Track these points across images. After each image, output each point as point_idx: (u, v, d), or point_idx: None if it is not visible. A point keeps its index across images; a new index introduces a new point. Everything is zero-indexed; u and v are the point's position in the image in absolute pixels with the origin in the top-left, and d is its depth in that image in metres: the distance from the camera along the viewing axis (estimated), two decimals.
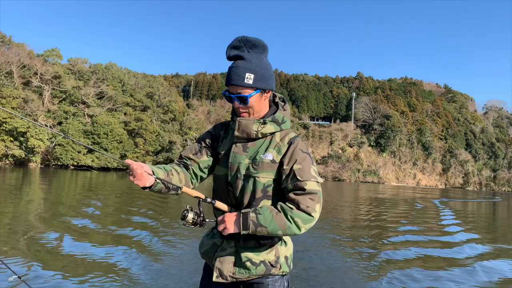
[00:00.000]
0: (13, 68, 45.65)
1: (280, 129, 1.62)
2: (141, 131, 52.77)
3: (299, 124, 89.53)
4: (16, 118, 41.30)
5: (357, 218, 13.12)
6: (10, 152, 42.42)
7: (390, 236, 9.21)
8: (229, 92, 1.57)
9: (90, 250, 5.92)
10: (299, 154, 1.56)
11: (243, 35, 1.57)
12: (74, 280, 4.45)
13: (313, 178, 1.52)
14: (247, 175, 1.56)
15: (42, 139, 43.83)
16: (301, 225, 1.46)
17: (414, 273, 5.72)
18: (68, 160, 44.61)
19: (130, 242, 6.63)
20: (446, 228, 11.49)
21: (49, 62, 51.54)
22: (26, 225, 7.60)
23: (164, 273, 4.96)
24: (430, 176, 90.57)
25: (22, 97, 44.20)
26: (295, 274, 5.25)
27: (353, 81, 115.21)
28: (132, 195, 16.12)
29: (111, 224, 8.32)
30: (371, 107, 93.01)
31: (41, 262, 5.07)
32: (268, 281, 1.60)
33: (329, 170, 78.93)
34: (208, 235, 1.74)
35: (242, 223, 1.45)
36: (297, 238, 8.07)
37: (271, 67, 1.61)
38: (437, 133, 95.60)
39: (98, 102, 52.44)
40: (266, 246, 1.59)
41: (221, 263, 1.59)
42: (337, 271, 5.60)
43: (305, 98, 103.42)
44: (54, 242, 6.34)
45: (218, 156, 1.69)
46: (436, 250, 7.74)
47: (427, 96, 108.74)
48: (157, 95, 60.44)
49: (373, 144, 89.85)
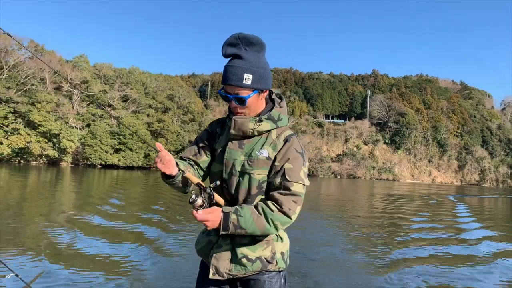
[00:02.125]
0: (46, 74, 47.16)
1: (276, 126, 1.57)
2: (163, 131, 53.65)
3: (313, 122, 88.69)
4: (50, 121, 42.79)
5: (371, 214, 12.86)
6: (45, 152, 43.87)
7: (403, 233, 8.97)
8: (226, 91, 1.51)
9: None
10: (293, 153, 1.51)
11: (240, 32, 1.50)
12: (113, 245, 4.84)
13: (300, 181, 1.49)
14: (242, 172, 1.52)
15: (73, 140, 45.19)
16: (279, 227, 1.46)
17: (427, 270, 5.53)
18: (96, 159, 45.78)
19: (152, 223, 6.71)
20: (461, 224, 11.11)
21: (77, 68, 52.95)
22: (64, 208, 7.97)
23: (170, 270, 4.97)
24: (445, 173, 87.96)
25: (54, 101, 45.59)
26: (302, 269, 5.17)
27: (368, 78, 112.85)
28: (155, 189, 16.39)
29: (137, 210, 8.56)
30: (386, 105, 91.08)
31: (81, 230, 6.77)
32: (264, 278, 1.56)
33: (344, 168, 77.85)
34: (203, 232, 1.69)
35: (223, 224, 1.41)
36: (308, 233, 7.97)
37: (268, 65, 1.54)
38: (453, 130, 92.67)
39: (123, 105, 53.61)
40: (262, 242, 1.55)
41: (217, 260, 1.54)
42: (345, 266, 5.48)
43: (320, 97, 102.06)
44: (92, 219, 7.25)
45: (214, 153, 1.65)
46: (451, 247, 7.47)
47: (443, 93, 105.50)
48: (177, 97, 61.24)
49: (388, 142, 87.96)
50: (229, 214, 1.41)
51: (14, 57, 44.96)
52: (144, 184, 22.03)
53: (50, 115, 44.01)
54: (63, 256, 5.21)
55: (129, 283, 4.22)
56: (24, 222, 7.55)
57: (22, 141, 41.67)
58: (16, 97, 42.08)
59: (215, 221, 1.40)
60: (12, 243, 5.69)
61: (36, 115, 41.90)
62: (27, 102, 42.73)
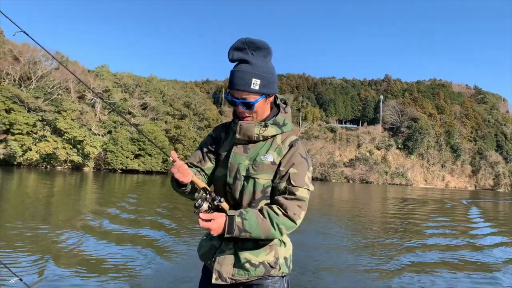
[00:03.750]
0: (70, 84, 48.59)
1: (281, 131, 1.54)
2: (180, 137, 54.39)
3: (326, 127, 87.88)
4: (75, 128, 44.04)
5: (382, 219, 12.62)
6: (70, 158, 45.10)
7: (415, 237, 8.75)
8: (233, 96, 1.48)
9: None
10: (298, 158, 1.49)
11: (247, 37, 1.47)
12: (118, 248, 4.65)
13: (305, 186, 1.47)
14: (247, 176, 1.49)
15: (96, 146, 46.34)
16: (284, 231, 1.44)
17: (437, 276, 5.38)
18: (118, 164, 46.71)
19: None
20: (475, 230, 10.76)
21: (99, 77, 54.37)
22: (87, 209, 8.19)
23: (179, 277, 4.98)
24: (459, 178, 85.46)
25: (78, 109, 46.90)
26: (306, 273, 5.11)
27: (381, 83, 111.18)
28: (171, 193, 16.58)
29: (145, 214, 8.76)
30: (398, 110, 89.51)
31: (108, 218, 7.23)
32: (267, 283, 1.51)
33: (356, 173, 76.71)
34: (206, 237, 1.65)
35: (228, 227, 1.38)
36: (316, 236, 7.88)
37: (274, 70, 1.52)
38: (466, 135, 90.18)
39: (143, 112, 54.67)
40: (265, 247, 1.51)
41: (220, 265, 1.50)
42: (352, 271, 5.38)
43: (332, 102, 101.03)
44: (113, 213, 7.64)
45: (219, 157, 1.61)
46: (463, 252, 7.25)
47: (456, 98, 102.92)
48: (193, 104, 62.02)
49: (400, 147, 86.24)
50: (234, 217, 1.39)
51: (41, 68, 46.57)
52: (160, 187, 22.32)
53: (75, 123, 45.27)
54: (69, 259, 5.17)
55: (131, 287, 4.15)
56: (35, 225, 7.62)
57: (49, 147, 42.99)
58: (44, 106, 43.54)
59: (220, 226, 1.38)
60: (17, 246, 5.70)
61: (62, 122, 43.20)
62: (54, 110, 44.13)
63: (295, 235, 7.50)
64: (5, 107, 40.91)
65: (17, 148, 41.16)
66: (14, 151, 41.01)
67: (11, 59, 44.69)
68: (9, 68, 43.98)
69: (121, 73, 58.94)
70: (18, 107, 41.60)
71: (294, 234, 7.44)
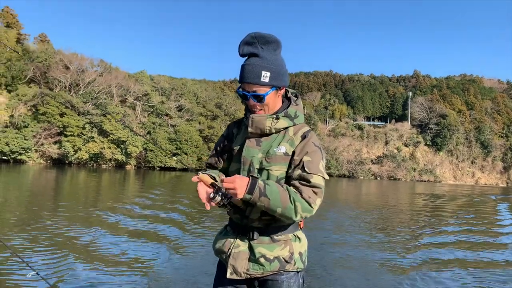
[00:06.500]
0: (113, 89, 51.10)
1: (293, 123, 1.50)
2: (213, 137, 55.52)
3: (353, 125, 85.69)
4: (119, 129, 46.37)
5: (409, 215, 12.23)
6: (115, 156, 47.56)
7: (439, 233, 8.44)
8: (244, 89, 1.45)
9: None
10: (311, 146, 1.44)
11: (256, 31, 1.44)
12: (135, 243, 4.93)
13: (320, 173, 1.41)
14: (260, 169, 1.44)
15: (138, 146, 48.50)
16: (299, 211, 1.35)
17: (457, 275, 5.19)
18: (157, 162, 48.72)
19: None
20: (503, 228, 10.16)
21: (139, 82, 56.70)
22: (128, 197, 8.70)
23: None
24: (490, 174, 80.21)
25: (121, 112, 49.27)
26: (321, 268, 5.08)
27: (409, 79, 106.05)
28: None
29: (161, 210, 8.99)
30: (426, 107, 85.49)
31: (108, 229, 6.33)
32: (282, 278, 1.46)
33: (384, 170, 74.22)
34: (221, 232, 1.61)
35: (249, 187, 1.31)
36: (337, 230, 7.78)
37: (284, 63, 1.48)
38: (497, 131, 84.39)
39: (179, 114, 56.42)
40: (279, 242, 1.46)
41: (235, 259, 1.46)
42: (370, 266, 5.30)
43: (360, 99, 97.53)
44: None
45: (232, 153, 1.56)
46: (489, 252, 6.91)
47: (487, 93, 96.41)
48: (225, 105, 62.98)
49: (429, 144, 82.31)
50: (257, 179, 1.34)
51: (88, 76, 49.37)
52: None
53: (118, 124, 47.61)
54: (88, 254, 4.97)
55: (147, 283, 4.02)
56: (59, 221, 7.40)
57: (97, 147, 45.72)
58: (91, 110, 46.22)
59: (242, 186, 1.31)
60: (37, 241, 5.52)
61: (107, 125, 45.63)
62: (100, 113, 46.69)
63: (311, 230, 7.49)
64: (59, 112, 44.02)
65: (70, 148, 44.25)
66: (67, 151, 44.10)
67: (62, 68, 47.72)
68: (60, 76, 47.01)
69: (158, 76, 61.12)
70: (70, 111, 44.53)
71: (311, 229, 7.08)
